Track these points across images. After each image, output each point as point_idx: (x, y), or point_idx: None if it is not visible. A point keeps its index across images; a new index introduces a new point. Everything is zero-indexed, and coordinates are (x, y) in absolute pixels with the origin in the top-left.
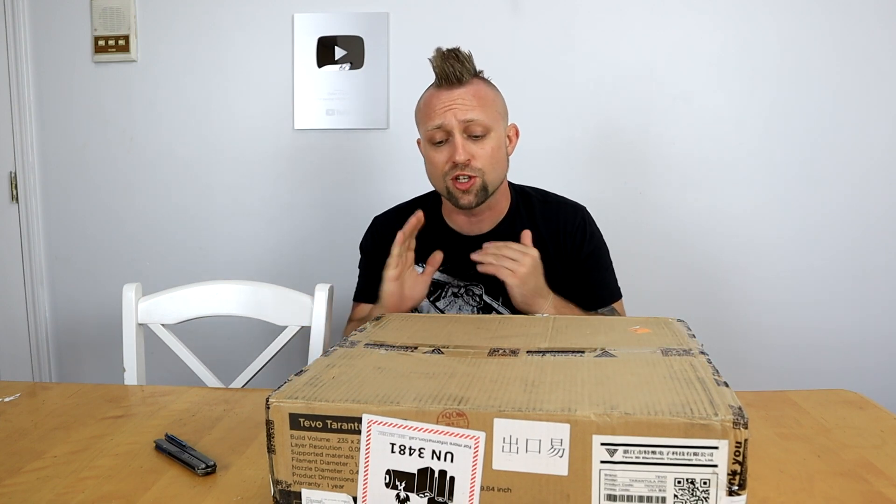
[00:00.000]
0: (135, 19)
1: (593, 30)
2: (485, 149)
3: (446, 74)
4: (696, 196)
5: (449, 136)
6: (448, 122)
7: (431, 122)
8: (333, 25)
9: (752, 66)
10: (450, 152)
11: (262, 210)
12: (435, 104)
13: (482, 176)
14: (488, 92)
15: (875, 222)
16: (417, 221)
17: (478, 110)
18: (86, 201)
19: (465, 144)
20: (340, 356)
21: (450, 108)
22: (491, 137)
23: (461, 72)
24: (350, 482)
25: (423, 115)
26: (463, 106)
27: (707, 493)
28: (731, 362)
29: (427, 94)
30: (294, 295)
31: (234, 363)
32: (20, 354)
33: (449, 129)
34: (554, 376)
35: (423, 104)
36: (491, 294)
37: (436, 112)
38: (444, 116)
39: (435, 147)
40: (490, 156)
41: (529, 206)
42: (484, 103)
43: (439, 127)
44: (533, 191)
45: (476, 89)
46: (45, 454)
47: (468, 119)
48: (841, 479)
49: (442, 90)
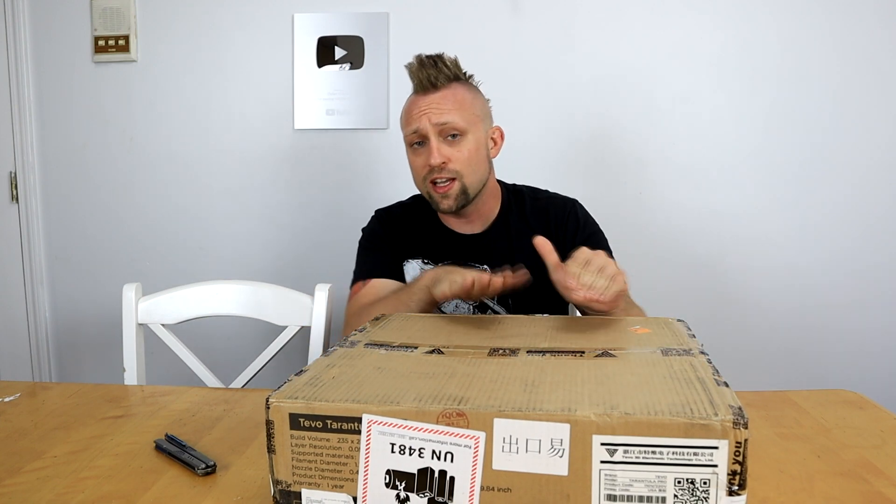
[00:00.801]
0: (135, 19)
1: (593, 30)
2: (461, 151)
3: (419, 80)
4: (696, 196)
5: (425, 139)
6: (423, 126)
7: (409, 127)
8: (333, 25)
9: (752, 66)
10: (426, 156)
11: (262, 210)
12: (411, 109)
13: (460, 178)
14: (466, 95)
15: (875, 222)
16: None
17: (453, 113)
18: (86, 201)
19: (441, 147)
20: (340, 356)
21: (424, 112)
22: (468, 140)
23: (436, 77)
24: (350, 482)
25: (403, 121)
26: (437, 109)
27: (707, 493)
28: (731, 362)
29: (407, 101)
30: (294, 295)
31: (234, 363)
32: (20, 354)
33: (424, 132)
34: (554, 376)
35: (404, 110)
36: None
37: (412, 117)
38: (419, 121)
39: (413, 151)
40: (467, 158)
41: (521, 204)
42: (460, 106)
43: (415, 131)
44: (525, 188)
45: (453, 93)
46: (45, 454)
47: (442, 122)
48: (841, 479)
49: (419, 95)
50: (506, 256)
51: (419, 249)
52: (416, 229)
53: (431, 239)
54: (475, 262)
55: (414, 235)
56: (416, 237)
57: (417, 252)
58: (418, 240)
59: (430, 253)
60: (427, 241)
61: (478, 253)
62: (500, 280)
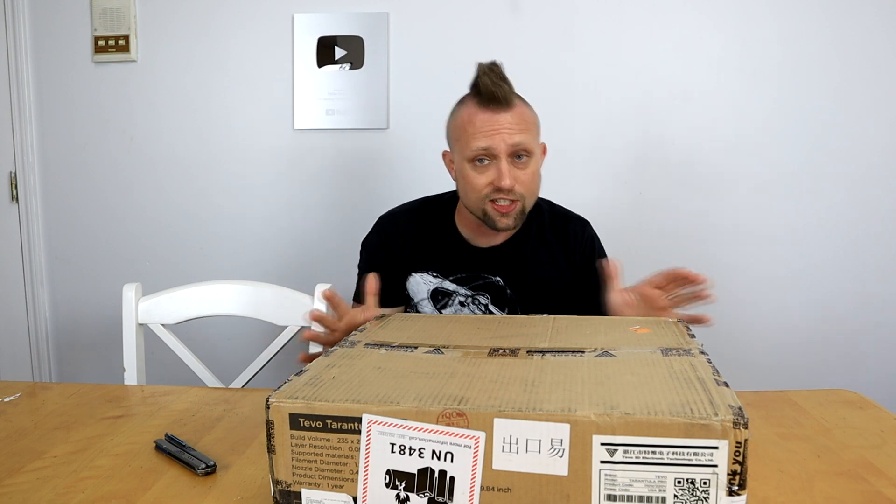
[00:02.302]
0: (135, 19)
1: (593, 30)
2: (527, 173)
3: (495, 97)
4: (696, 195)
5: (494, 159)
6: (496, 147)
7: (476, 143)
8: (333, 25)
9: (752, 66)
10: (493, 176)
11: (262, 210)
12: (481, 125)
13: (522, 200)
14: (530, 114)
15: (875, 222)
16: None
17: (525, 135)
18: (86, 201)
19: (511, 170)
20: (340, 356)
21: (498, 131)
22: (533, 161)
23: (509, 94)
24: (350, 482)
25: (465, 133)
26: (510, 130)
27: (707, 493)
28: (731, 362)
29: (469, 111)
30: (294, 295)
31: (234, 363)
32: (20, 354)
33: (496, 152)
34: (554, 376)
35: (466, 122)
36: (497, 304)
37: (482, 133)
38: (491, 139)
39: (475, 168)
40: (531, 180)
41: (540, 218)
42: (528, 127)
43: (485, 149)
44: (543, 202)
45: (521, 112)
46: (45, 454)
47: (516, 143)
48: (841, 479)
49: (488, 111)
50: (520, 270)
51: (427, 262)
52: (425, 239)
53: (442, 250)
54: (488, 275)
55: (422, 246)
56: (425, 248)
57: (425, 265)
58: (427, 251)
59: (439, 266)
60: (437, 253)
61: (491, 266)
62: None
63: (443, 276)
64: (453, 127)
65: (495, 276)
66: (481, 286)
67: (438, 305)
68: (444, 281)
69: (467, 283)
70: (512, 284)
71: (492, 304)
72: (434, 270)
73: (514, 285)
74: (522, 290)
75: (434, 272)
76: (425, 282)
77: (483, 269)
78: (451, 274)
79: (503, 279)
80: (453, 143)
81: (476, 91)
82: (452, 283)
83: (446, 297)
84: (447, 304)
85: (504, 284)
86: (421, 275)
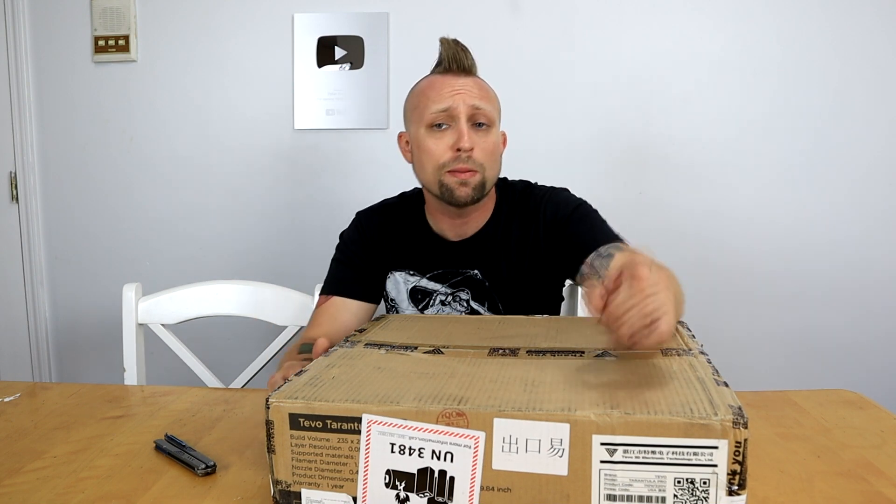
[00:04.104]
0: (135, 19)
1: (593, 30)
2: (488, 142)
3: (458, 59)
4: (696, 196)
5: (453, 121)
6: (456, 106)
7: (436, 105)
8: (333, 25)
9: (752, 66)
10: (453, 138)
11: (262, 210)
12: (441, 87)
13: (482, 171)
14: (493, 92)
15: (875, 222)
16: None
17: (485, 101)
18: (86, 201)
19: (471, 134)
20: (340, 356)
21: (458, 92)
22: (493, 132)
23: (472, 64)
24: (350, 482)
25: (425, 98)
26: (471, 93)
27: (707, 493)
28: (731, 362)
29: (428, 80)
30: (294, 295)
31: (234, 363)
32: (20, 354)
33: (455, 113)
34: (554, 376)
35: (425, 88)
36: (477, 300)
37: (442, 95)
38: (452, 99)
39: (434, 133)
40: (491, 151)
41: (512, 198)
42: (489, 97)
43: (445, 110)
44: (517, 182)
45: (482, 83)
46: (45, 454)
47: (476, 106)
48: (841, 479)
49: (448, 76)
50: (495, 259)
51: (405, 260)
52: (402, 236)
53: (417, 248)
54: (465, 269)
55: (398, 244)
56: (401, 246)
57: (403, 263)
58: (403, 249)
59: (416, 263)
60: (413, 251)
61: (467, 259)
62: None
63: (420, 273)
64: (411, 97)
65: (473, 268)
66: (460, 282)
67: (420, 306)
68: (422, 279)
69: (446, 280)
70: (489, 275)
71: (473, 300)
72: (411, 268)
73: (492, 275)
74: (500, 277)
75: (412, 270)
76: (404, 280)
77: (459, 263)
78: (429, 271)
79: (481, 271)
80: (410, 115)
81: (437, 63)
82: (430, 280)
83: (427, 297)
84: (428, 304)
85: (482, 277)
86: (399, 273)
